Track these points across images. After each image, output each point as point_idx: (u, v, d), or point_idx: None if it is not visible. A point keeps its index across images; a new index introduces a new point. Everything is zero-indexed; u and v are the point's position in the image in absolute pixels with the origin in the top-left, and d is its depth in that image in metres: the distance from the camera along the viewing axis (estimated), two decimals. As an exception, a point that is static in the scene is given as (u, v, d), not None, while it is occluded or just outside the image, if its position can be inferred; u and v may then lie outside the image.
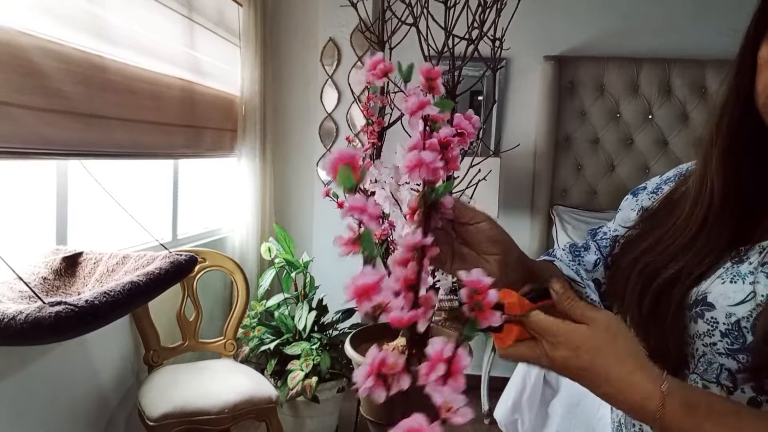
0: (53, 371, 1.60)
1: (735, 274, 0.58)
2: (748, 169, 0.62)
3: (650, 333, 0.62)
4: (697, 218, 0.63)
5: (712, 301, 0.58)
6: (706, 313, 0.59)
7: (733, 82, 0.63)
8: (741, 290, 0.57)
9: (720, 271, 0.60)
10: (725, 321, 0.57)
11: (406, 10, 1.26)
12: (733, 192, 0.62)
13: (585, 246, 0.81)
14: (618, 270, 0.70)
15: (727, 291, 0.58)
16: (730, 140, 0.63)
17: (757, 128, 0.60)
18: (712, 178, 0.63)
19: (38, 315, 1.07)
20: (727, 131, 0.63)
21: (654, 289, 0.63)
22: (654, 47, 2.91)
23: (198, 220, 2.63)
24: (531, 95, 3.00)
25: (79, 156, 1.66)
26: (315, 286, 2.60)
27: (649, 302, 0.63)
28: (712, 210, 0.62)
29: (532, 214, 3.00)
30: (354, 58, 2.91)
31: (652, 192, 0.78)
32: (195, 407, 1.77)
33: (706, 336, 0.59)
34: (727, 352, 0.57)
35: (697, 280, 0.61)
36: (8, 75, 1.32)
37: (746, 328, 0.55)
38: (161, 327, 2.03)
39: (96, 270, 1.52)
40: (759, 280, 0.56)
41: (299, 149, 3.09)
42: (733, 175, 0.62)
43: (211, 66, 2.42)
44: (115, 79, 1.74)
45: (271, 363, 2.39)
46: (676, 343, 0.61)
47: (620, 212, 0.81)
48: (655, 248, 0.65)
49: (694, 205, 0.64)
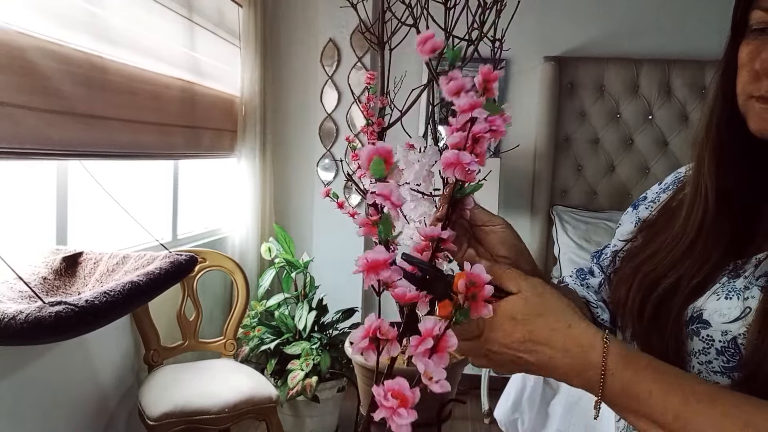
0: (53, 371, 1.60)
1: (730, 290, 0.57)
2: (741, 172, 0.61)
3: (652, 344, 0.62)
4: (693, 224, 0.62)
5: (707, 319, 0.57)
6: (701, 331, 0.57)
7: (719, 83, 0.63)
8: (736, 306, 0.56)
9: (716, 286, 0.59)
10: (721, 339, 0.56)
11: (406, 10, 1.26)
12: (726, 195, 0.61)
13: (590, 270, 0.82)
14: (619, 281, 0.69)
15: (722, 308, 0.57)
16: (720, 142, 0.62)
17: (744, 129, 0.59)
18: (706, 182, 0.62)
19: (38, 315, 1.07)
20: (717, 133, 0.62)
21: (654, 299, 0.62)
22: (654, 47, 2.91)
23: (198, 220, 2.63)
24: (531, 96, 3.00)
25: (79, 156, 1.66)
26: (315, 286, 2.60)
27: (650, 312, 0.62)
28: (707, 215, 0.61)
29: (532, 215, 3.00)
30: (354, 58, 2.92)
31: (651, 201, 0.77)
32: (195, 407, 1.77)
33: (701, 354, 0.57)
34: (722, 371, 0.56)
35: (694, 291, 0.60)
36: (8, 75, 1.33)
37: (742, 345, 0.54)
38: (161, 327, 2.03)
39: (96, 270, 1.52)
40: (753, 294, 0.55)
41: (299, 149, 3.09)
42: (725, 178, 0.61)
43: (211, 66, 2.43)
44: (115, 80, 1.74)
45: (271, 363, 2.39)
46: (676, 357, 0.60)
47: (620, 227, 0.81)
48: (655, 257, 0.64)
49: (690, 210, 0.63)
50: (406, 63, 1.82)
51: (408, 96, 1.28)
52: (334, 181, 3.00)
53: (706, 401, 0.47)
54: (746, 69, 0.58)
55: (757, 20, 0.57)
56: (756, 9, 0.57)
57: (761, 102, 0.56)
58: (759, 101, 0.56)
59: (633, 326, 0.65)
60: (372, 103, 1.21)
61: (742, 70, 0.59)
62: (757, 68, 0.56)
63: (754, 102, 0.57)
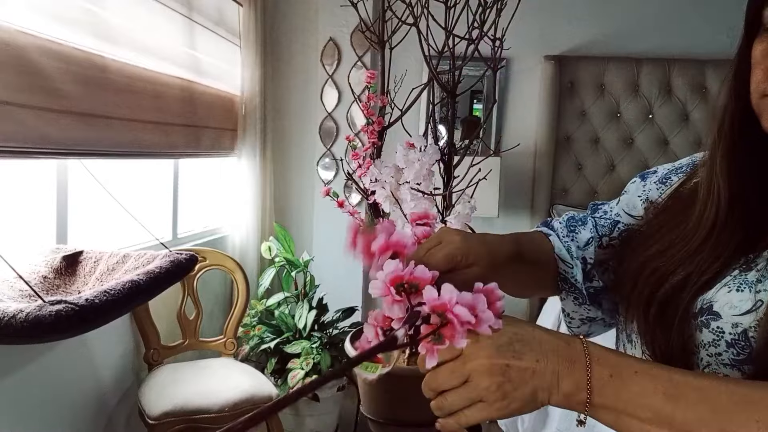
0: (53, 370, 1.60)
1: (742, 282, 0.57)
2: (754, 171, 0.61)
3: (656, 340, 0.61)
4: (705, 223, 0.62)
5: (717, 310, 0.57)
6: (711, 323, 0.57)
7: (731, 82, 0.62)
8: (748, 299, 0.55)
9: (727, 279, 0.58)
10: (731, 331, 0.55)
11: (406, 10, 1.26)
12: (739, 195, 0.60)
13: (583, 220, 0.80)
14: (625, 274, 0.68)
15: (733, 300, 0.56)
16: (732, 142, 0.62)
17: (758, 128, 0.59)
18: (718, 181, 0.62)
19: (38, 314, 1.07)
20: (729, 133, 0.62)
21: (660, 295, 0.61)
22: (654, 47, 2.90)
23: (198, 219, 2.63)
24: (531, 95, 3.00)
25: (80, 155, 1.66)
26: (315, 285, 2.60)
27: (656, 309, 0.61)
28: (719, 214, 0.61)
29: (532, 214, 3.00)
30: (354, 57, 2.91)
31: (660, 181, 0.76)
32: (195, 406, 1.77)
33: (711, 346, 0.57)
34: (732, 363, 0.55)
35: (703, 287, 0.59)
36: (8, 75, 1.32)
37: (753, 338, 0.54)
38: (161, 326, 2.03)
39: (96, 269, 1.52)
40: (766, 287, 0.55)
41: (299, 149, 3.09)
42: (738, 178, 0.61)
43: (211, 66, 2.43)
44: (116, 79, 1.74)
45: (271, 362, 2.39)
46: (681, 352, 0.59)
47: (625, 195, 0.80)
48: (664, 254, 0.64)
49: (702, 209, 0.63)
50: (407, 62, 1.82)
51: (408, 95, 1.28)
52: (334, 180, 3.00)
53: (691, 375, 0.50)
54: (760, 67, 0.58)
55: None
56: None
57: None
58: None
59: (638, 321, 0.64)
60: (372, 102, 1.21)
61: (756, 68, 0.58)
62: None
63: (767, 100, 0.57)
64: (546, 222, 0.83)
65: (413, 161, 1.05)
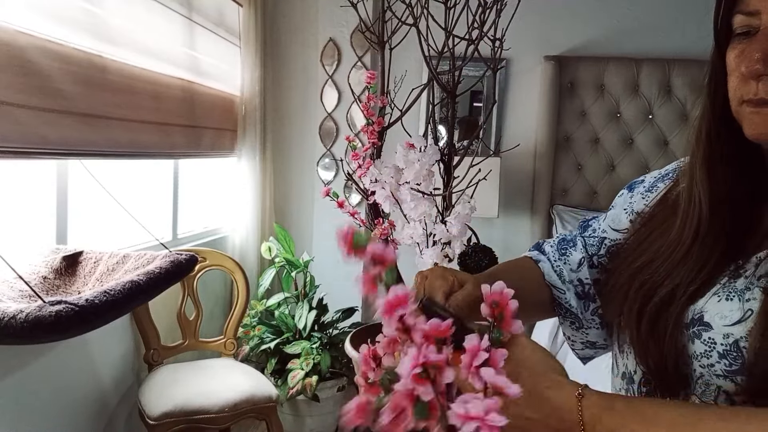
0: (53, 370, 1.60)
1: (731, 291, 0.56)
2: (735, 178, 0.61)
3: (650, 354, 0.61)
4: (689, 232, 0.61)
5: (708, 321, 0.56)
6: (703, 333, 0.56)
7: (707, 91, 0.62)
8: (738, 308, 0.55)
9: (716, 287, 0.58)
10: (723, 342, 0.55)
11: (406, 10, 1.26)
12: (720, 202, 0.60)
13: (573, 242, 0.80)
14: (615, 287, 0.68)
15: (723, 310, 0.56)
16: (710, 151, 0.62)
17: (736, 135, 0.58)
18: (699, 189, 0.61)
19: (39, 314, 1.07)
20: (707, 141, 0.62)
21: (651, 308, 0.61)
22: (654, 47, 2.90)
23: (198, 220, 2.63)
24: (531, 95, 3.00)
25: (79, 156, 1.66)
26: (315, 286, 2.60)
27: (647, 322, 0.61)
28: (702, 222, 0.60)
29: (532, 214, 3.00)
30: (354, 58, 2.91)
31: (647, 190, 0.76)
32: (195, 406, 1.77)
33: (703, 357, 0.56)
34: (725, 374, 0.55)
35: (693, 297, 0.59)
36: (8, 75, 1.32)
37: (745, 348, 0.53)
38: (161, 326, 2.03)
39: (96, 269, 1.53)
40: (755, 295, 0.54)
41: (299, 149, 3.09)
42: (718, 185, 0.60)
43: (211, 66, 2.43)
44: (115, 79, 1.74)
45: (271, 362, 2.40)
46: (675, 364, 0.59)
47: (612, 209, 0.79)
48: (651, 265, 0.63)
49: (684, 218, 0.63)
50: (406, 62, 1.82)
51: (408, 95, 1.28)
52: (334, 181, 3.00)
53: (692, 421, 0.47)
54: (735, 74, 0.58)
55: (740, 24, 0.57)
56: (738, 14, 0.57)
57: (751, 105, 0.56)
58: (749, 105, 0.56)
59: (630, 335, 0.64)
60: (372, 103, 1.21)
61: (731, 75, 0.58)
62: (744, 71, 0.55)
63: (745, 106, 0.56)
64: (538, 245, 0.83)
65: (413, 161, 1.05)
